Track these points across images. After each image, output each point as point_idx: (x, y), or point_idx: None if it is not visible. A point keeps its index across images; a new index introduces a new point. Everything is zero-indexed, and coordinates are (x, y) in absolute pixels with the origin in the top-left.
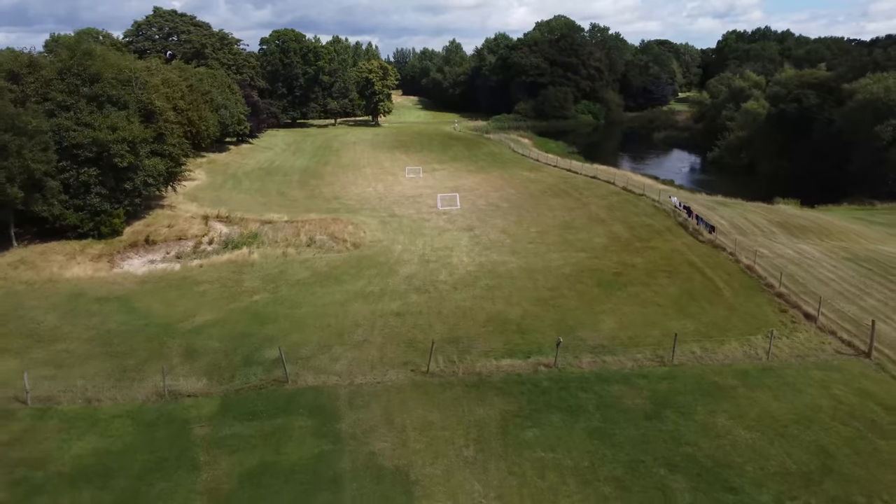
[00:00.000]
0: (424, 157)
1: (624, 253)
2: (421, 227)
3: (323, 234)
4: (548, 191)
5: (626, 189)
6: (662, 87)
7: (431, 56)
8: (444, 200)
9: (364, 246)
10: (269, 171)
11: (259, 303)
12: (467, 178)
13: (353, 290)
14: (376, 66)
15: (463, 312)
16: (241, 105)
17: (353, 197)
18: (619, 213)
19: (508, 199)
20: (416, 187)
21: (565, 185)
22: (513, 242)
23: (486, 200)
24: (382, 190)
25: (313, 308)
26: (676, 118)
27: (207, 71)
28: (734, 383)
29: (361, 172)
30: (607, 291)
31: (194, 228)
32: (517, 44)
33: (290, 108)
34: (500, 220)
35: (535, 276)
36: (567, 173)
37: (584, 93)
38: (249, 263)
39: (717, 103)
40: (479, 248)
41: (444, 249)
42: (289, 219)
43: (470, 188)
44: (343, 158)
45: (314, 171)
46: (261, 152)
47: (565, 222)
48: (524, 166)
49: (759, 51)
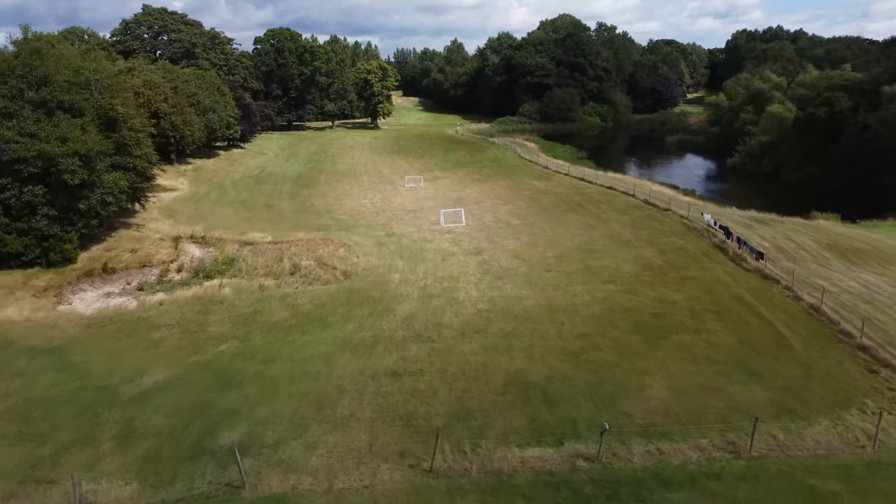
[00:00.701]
0: (425, 164)
1: (659, 285)
2: (422, 249)
3: (310, 258)
4: (561, 204)
5: (649, 202)
6: (672, 89)
7: (432, 56)
8: (447, 216)
9: (356, 275)
10: (258, 180)
11: (225, 355)
12: (472, 187)
13: (340, 338)
14: (375, 66)
15: (474, 371)
16: (230, 108)
17: (348, 211)
18: (645, 232)
19: (519, 213)
20: (416, 199)
21: (580, 196)
22: (528, 270)
23: (493, 216)
24: (380, 202)
25: (290, 364)
26: (689, 121)
27: (195, 72)
28: (838, 488)
29: (358, 181)
30: (649, 341)
31: (162, 253)
32: (522, 43)
33: (285, 111)
34: (512, 241)
35: (558, 317)
36: (580, 183)
37: (590, 94)
38: (219, 300)
39: (735, 106)
40: (489, 277)
41: (449, 279)
42: (273, 239)
43: (475, 200)
44: (339, 165)
45: (307, 179)
46: (252, 158)
47: (585, 244)
48: (533, 174)
49: (777, 50)
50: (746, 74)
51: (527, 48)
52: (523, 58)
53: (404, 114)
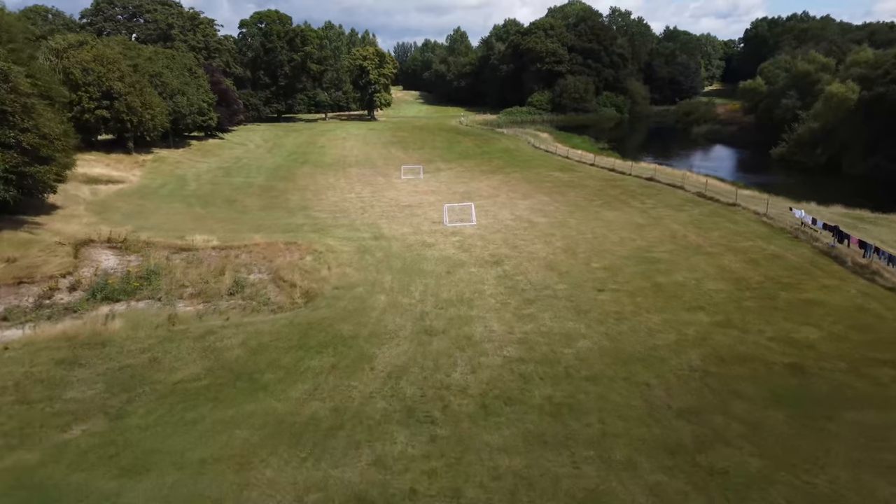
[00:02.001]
0: (426, 155)
1: (774, 314)
2: (419, 257)
3: (262, 270)
4: (595, 198)
5: (705, 196)
6: (692, 78)
7: (434, 48)
8: (453, 213)
9: (323, 297)
10: (229, 172)
11: (67, 453)
12: (482, 180)
13: (276, 415)
14: (372, 52)
15: (511, 496)
16: (204, 92)
17: (328, 207)
18: (716, 233)
19: (544, 210)
20: (414, 193)
21: (615, 189)
22: (571, 289)
23: (512, 213)
24: (369, 196)
25: (172, 477)
26: (717, 111)
27: (163, 50)
28: None
29: (345, 173)
30: (807, 425)
31: (54, 264)
32: (531, 27)
33: (273, 100)
34: (541, 246)
35: (637, 373)
36: (611, 174)
37: (606, 83)
38: (100, 341)
39: (776, 91)
40: (516, 300)
41: (459, 304)
42: (220, 243)
43: (487, 194)
44: (327, 156)
45: (286, 171)
46: (230, 149)
47: (641, 250)
48: (552, 165)
49: (819, 30)
50: (785, 56)
51: (536, 32)
52: (533, 43)
53: (404, 107)
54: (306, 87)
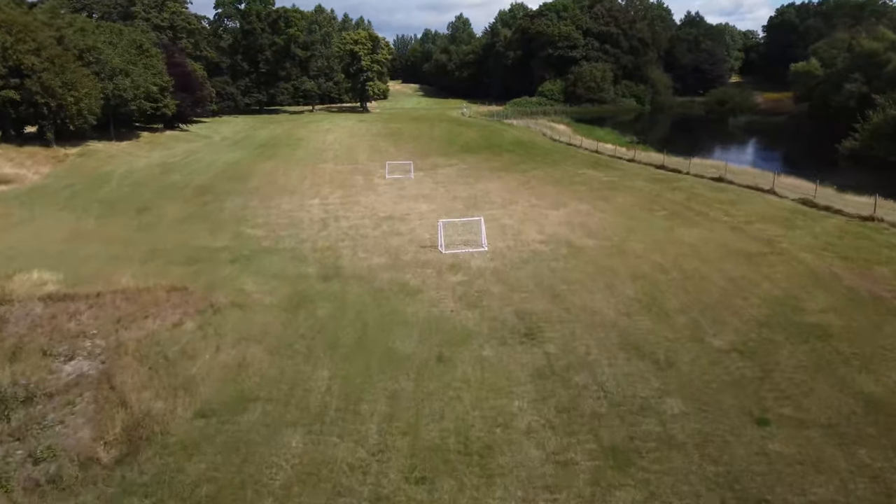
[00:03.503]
0: (422, 148)
1: None
2: (391, 320)
3: (96, 352)
4: (654, 206)
5: (815, 205)
6: (718, 66)
7: (435, 38)
8: (453, 231)
9: (160, 445)
10: (169, 169)
11: None
12: (492, 180)
13: None
14: (364, 35)
15: None
16: (156, 75)
17: (274, 220)
18: (887, 269)
19: (586, 225)
20: (400, 198)
21: (676, 193)
22: (694, 417)
23: (540, 229)
24: (336, 204)
25: None
26: (756, 100)
27: (106, 23)
28: None
29: (315, 171)
30: None
31: None
32: (542, 9)
33: (254, 89)
34: (603, 296)
35: None
36: (663, 173)
37: (624, 70)
38: None
39: (834, 74)
40: (585, 454)
41: (463, 465)
42: (58, 289)
43: (501, 200)
44: (300, 150)
45: (243, 168)
46: (189, 142)
47: (779, 303)
48: (581, 161)
49: (878, 6)
50: (842, 35)
51: (547, 15)
52: (543, 27)
53: (402, 99)
54: (291, 75)
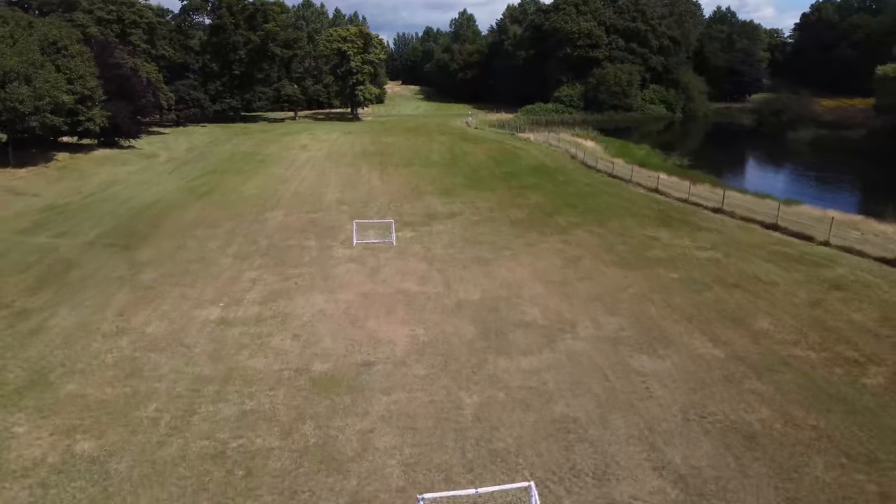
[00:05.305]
0: (414, 181)
1: None
2: None
3: None
4: (842, 343)
5: None
6: (756, 68)
7: (437, 36)
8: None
9: None
10: (41, 223)
11: None
12: (518, 255)
13: None
14: (354, 32)
15: None
16: (76, 80)
17: (98, 375)
18: None
19: (751, 433)
20: (364, 301)
21: (864, 310)
22: None
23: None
24: (249, 321)
25: None
26: (816, 109)
27: (9, 14)
28: None
29: (255, 225)
30: None
31: None
32: (558, 2)
33: (226, 94)
34: None
35: None
36: (787, 240)
37: (653, 73)
38: None
39: None
40: None
41: None
42: None
43: (544, 320)
44: (252, 182)
45: (147, 222)
46: (116, 166)
47: None
48: (642, 210)
49: None
50: None
51: (565, 9)
52: (560, 22)
53: (400, 103)
54: (270, 78)
